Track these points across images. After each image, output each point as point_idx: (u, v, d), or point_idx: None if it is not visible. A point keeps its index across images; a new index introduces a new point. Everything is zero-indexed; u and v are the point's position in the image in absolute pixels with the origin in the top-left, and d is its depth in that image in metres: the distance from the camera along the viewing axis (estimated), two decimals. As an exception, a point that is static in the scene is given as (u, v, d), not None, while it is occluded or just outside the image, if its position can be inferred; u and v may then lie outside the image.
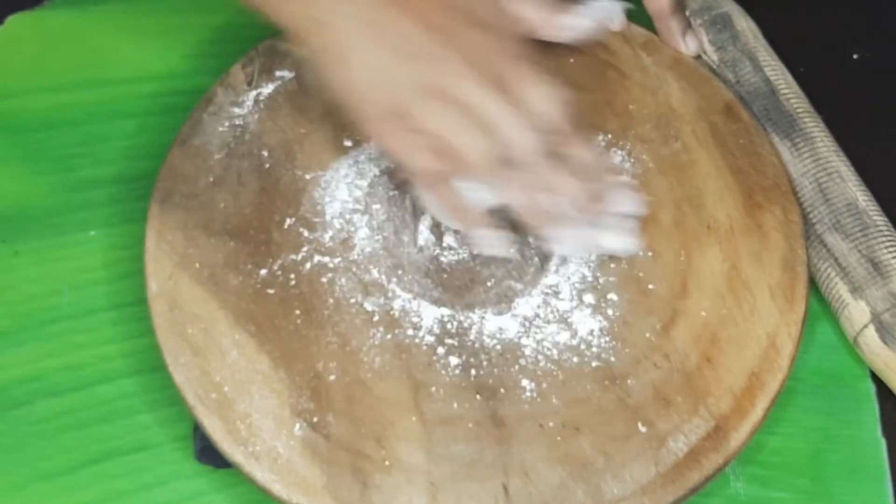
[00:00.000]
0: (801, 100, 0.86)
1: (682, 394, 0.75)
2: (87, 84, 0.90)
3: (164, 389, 0.76)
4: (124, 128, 0.88)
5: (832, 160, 0.83)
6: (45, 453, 0.77)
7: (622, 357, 0.76)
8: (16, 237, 0.83)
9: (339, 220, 0.80)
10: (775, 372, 0.76)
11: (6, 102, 0.89)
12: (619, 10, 0.84)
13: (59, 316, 0.81)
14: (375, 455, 0.72)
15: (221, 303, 0.76)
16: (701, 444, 0.73)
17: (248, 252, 0.78)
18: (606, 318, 0.77)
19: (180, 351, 0.75)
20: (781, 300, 0.78)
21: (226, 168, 0.81)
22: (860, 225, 0.81)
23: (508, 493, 0.72)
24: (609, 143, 0.83)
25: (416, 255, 0.79)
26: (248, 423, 0.73)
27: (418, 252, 0.79)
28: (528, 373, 0.75)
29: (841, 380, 0.81)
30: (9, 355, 0.79)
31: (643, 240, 0.79)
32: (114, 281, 0.82)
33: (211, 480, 0.76)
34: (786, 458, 0.78)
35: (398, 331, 0.76)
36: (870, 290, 0.79)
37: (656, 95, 0.85)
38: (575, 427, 0.73)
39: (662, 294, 0.78)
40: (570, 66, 0.86)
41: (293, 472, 0.72)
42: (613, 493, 0.72)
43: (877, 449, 0.78)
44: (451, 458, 0.72)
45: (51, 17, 0.92)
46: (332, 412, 0.73)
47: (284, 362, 0.75)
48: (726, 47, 0.87)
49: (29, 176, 0.86)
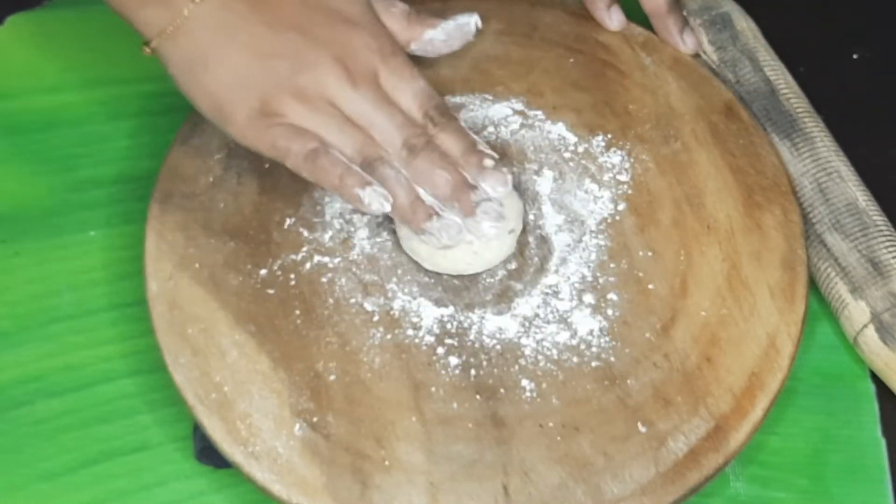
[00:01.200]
0: (801, 100, 0.86)
1: (682, 394, 0.75)
2: (87, 84, 0.90)
3: (163, 389, 0.77)
4: (124, 128, 0.88)
5: (832, 160, 0.83)
6: (45, 453, 0.77)
7: (622, 357, 0.76)
8: (16, 237, 0.83)
9: (339, 220, 0.79)
10: (775, 372, 0.76)
11: (6, 102, 0.89)
12: (475, 20, 0.83)
13: (59, 316, 0.81)
14: (375, 455, 0.72)
15: (221, 303, 0.76)
16: (701, 444, 0.73)
17: (247, 252, 0.78)
18: (606, 318, 0.77)
19: (180, 351, 0.75)
20: (781, 300, 0.78)
21: (226, 168, 0.81)
22: (860, 225, 0.81)
23: (508, 493, 0.72)
24: (609, 143, 0.83)
25: (416, 255, 0.79)
26: (248, 424, 0.73)
27: (418, 252, 0.79)
28: (527, 373, 0.75)
29: (841, 380, 0.81)
30: (9, 355, 0.79)
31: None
32: (114, 281, 0.82)
33: (211, 480, 0.76)
34: (786, 458, 0.78)
35: (398, 331, 0.76)
36: (870, 289, 0.79)
37: (656, 95, 0.85)
38: (575, 427, 0.73)
39: (662, 294, 0.78)
40: (570, 66, 0.86)
41: (293, 472, 0.72)
42: (613, 493, 0.72)
43: (877, 449, 0.78)
44: (451, 458, 0.72)
45: (51, 17, 0.92)
46: (331, 412, 0.73)
47: (284, 362, 0.75)
48: (726, 47, 0.87)
49: (29, 176, 0.86)
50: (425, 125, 0.76)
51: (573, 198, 0.81)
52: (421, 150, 0.75)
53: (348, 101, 0.75)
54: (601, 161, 0.82)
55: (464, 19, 0.83)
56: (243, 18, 0.75)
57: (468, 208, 0.75)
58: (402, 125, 0.75)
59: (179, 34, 0.75)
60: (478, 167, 0.76)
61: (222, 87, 0.74)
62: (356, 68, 0.75)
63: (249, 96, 0.74)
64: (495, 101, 0.84)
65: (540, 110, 0.84)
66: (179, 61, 0.75)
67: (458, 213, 0.76)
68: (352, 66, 0.75)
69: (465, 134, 0.77)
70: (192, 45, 0.75)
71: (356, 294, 0.77)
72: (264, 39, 0.75)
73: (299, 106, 0.74)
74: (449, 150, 0.76)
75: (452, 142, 0.76)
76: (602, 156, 0.83)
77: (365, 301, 0.77)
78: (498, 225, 0.76)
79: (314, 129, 0.74)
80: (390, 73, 0.76)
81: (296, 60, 0.75)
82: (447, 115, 0.77)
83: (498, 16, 0.88)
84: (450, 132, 0.76)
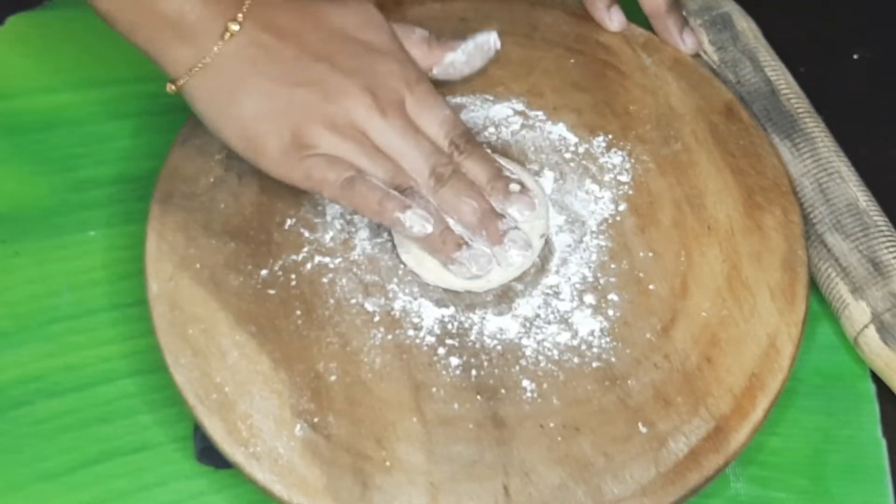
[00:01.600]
0: (801, 100, 0.86)
1: (682, 394, 0.75)
2: (88, 84, 0.90)
3: (164, 390, 0.77)
4: (125, 128, 0.88)
5: (832, 160, 0.83)
6: (45, 454, 0.77)
7: (622, 357, 0.76)
8: (16, 237, 0.83)
9: (340, 220, 0.79)
10: (775, 372, 0.76)
11: (6, 103, 0.89)
12: (493, 37, 0.83)
13: (60, 316, 0.81)
14: (376, 456, 0.72)
15: (222, 303, 0.76)
16: (701, 445, 0.73)
17: (248, 252, 0.78)
18: (607, 318, 0.77)
19: (181, 351, 0.75)
20: (781, 301, 0.78)
21: (226, 168, 0.81)
22: (861, 225, 0.81)
23: (509, 493, 0.72)
24: (609, 144, 0.83)
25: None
26: (249, 424, 0.73)
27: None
28: (528, 373, 0.75)
29: (841, 380, 0.81)
30: (9, 355, 0.79)
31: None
32: (114, 281, 0.82)
33: (211, 481, 0.76)
34: (786, 459, 0.78)
35: (399, 331, 0.76)
36: (870, 290, 0.79)
37: (656, 96, 0.85)
38: (575, 427, 0.73)
39: (663, 294, 0.78)
40: (570, 67, 0.86)
41: (294, 472, 0.72)
42: (614, 493, 0.72)
43: (877, 449, 0.78)
44: (452, 458, 0.72)
45: (51, 17, 0.92)
46: (332, 413, 0.73)
47: (285, 363, 0.75)
48: (726, 47, 0.87)
49: (29, 176, 0.86)
50: (451, 153, 0.77)
51: (574, 198, 0.81)
52: (448, 178, 0.75)
53: (377, 131, 0.75)
54: (602, 162, 0.82)
55: (482, 38, 0.83)
56: (271, 52, 0.74)
57: (496, 237, 0.76)
58: (429, 154, 0.76)
59: (208, 71, 0.74)
60: (504, 193, 0.77)
61: (252, 120, 0.74)
62: (384, 97, 0.75)
63: (280, 128, 0.74)
64: (496, 102, 0.84)
65: (540, 111, 0.84)
66: (208, 98, 0.75)
67: (485, 243, 0.76)
68: (380, 95, 0.75)
69: (489, 160, 0.78)
70: (221, 81, 0.74)
71: (357, 294, 0.77)
72: (293, 72, 0.75)
73: (331, 135, 0.74)
74: (475, 178, 0.77)
75: (478, 169, 0.77)
76: (603, 156, 0.83)
77: (366, 301, 0.77)
78: (525, 253, 0.76)
79: (347, 156, 0.74)
80: (416, 101, 0.76)
81: (325, 91, 0.74)
82: (472, 142, 0.77)
83: (498, 16, 0.88)
84: (475, 159, 0.77)
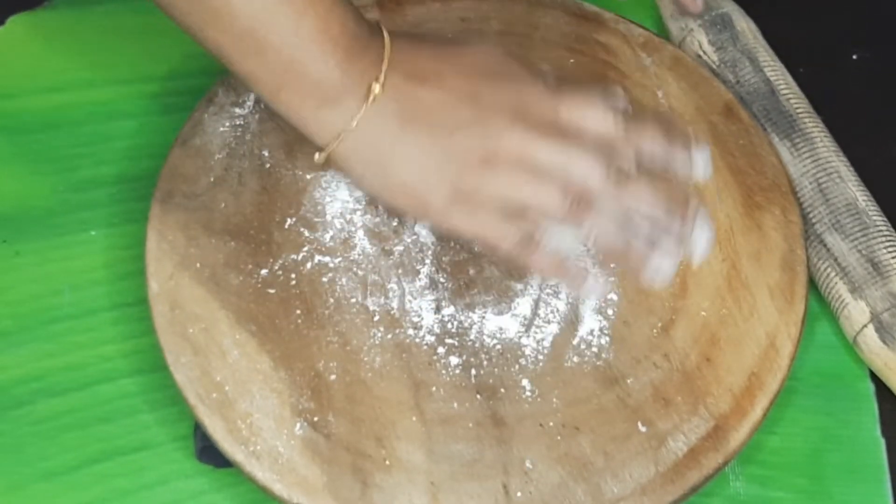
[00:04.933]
0: (800, 100, 0.86)
1: (681, 393, 0.75)
2: (88, 84, 0.90)
3: (164, 389, 0.77)
4: (125, 128, 0.88)
5: (832, 160, 0.83)
6: (46, 453, 0.77)
7: (622, 357, 0.76)
8: (17, 237, 0.83)
9: (340, 219, 0.80)
10: (775, 372, 0.76)
11: (7, 103, 0.89)
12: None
13: (60, 316, 0.81)
14: (376, 455, 0.72)
15: (222, 302, 0.76)
16: (701, 444, 0.73)
17: (248, 252, 0.78)
18: (606, 317, 0.77)
19: (181, 351, 0.75)
20: (781, 300, 0.78)
21: (227, 168, 0.81)
22: (860, 225, 0.81)
23: (508, 492, 0.72)
24: (609, 144, 0.83)
25: (417, 255, 0.79)
26: (249, 423, 0.73)
27: (418, 251, 0.79)
28: (528, 372, 0.75)
29: (840, 380, 0.81)
30: (10, 355, 0.79)
31: None
32: (115, 281, 0.82)
33: (212, 480, 0.76)
34: (785, 458, 0.78)
35: (398, 330, 0.76)
36: (869, 289, 0.79)
37: (656, 95, 0.85)
38: (575, 426, 0.74)
39: (662, 294, 0.78)
40: (570, 67, 0.86)
41: (294, 471, 0.72)
42: (613, 492, 0.72)
43: (876, 449, 0.78)
44: (452, 457, 0.72)
45: (51, 17, 0.92)
46: (332, 412, 0.73)
47: (285, 362, 0.75)
48: (726, 47, 0.87)
49: (30, 176, 0.86)
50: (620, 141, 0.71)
51: (573, 198, 0.81)
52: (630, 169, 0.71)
53: (539, 153, 0.71)
54: (601, 161, 0.82)
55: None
56: (417, 103, 0.71)
57: (689, 219, 0.71)
58: (601, 154, 0.71)
59: (358, 133, 0.70)
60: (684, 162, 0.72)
61: (414, 178, 0.71)
62: (534, 119, 0.71)
63: (442, 179, 0.71)
64: (496, 102, 0.84)
65: (540, 111, 0.84)
66: (364, 162, 0.71)
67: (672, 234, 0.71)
68: (530, 119, 0.71)
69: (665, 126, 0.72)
70: (373, 142, 0.71)
71: (357, 293, 0.77)
72: (442, 119, 0.71)
73: (492, 175, 0.70)
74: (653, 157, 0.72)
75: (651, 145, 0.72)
76: (602, 156, 0.82)
77: (365, 300, 0.77)
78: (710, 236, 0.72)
79: (509, 194, 0.71)
80: (567, 107, 0.72)
81: (477, 132, 0.71)
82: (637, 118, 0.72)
83: (498, 16, 0.88)
84: (646, 137, 0.72)
